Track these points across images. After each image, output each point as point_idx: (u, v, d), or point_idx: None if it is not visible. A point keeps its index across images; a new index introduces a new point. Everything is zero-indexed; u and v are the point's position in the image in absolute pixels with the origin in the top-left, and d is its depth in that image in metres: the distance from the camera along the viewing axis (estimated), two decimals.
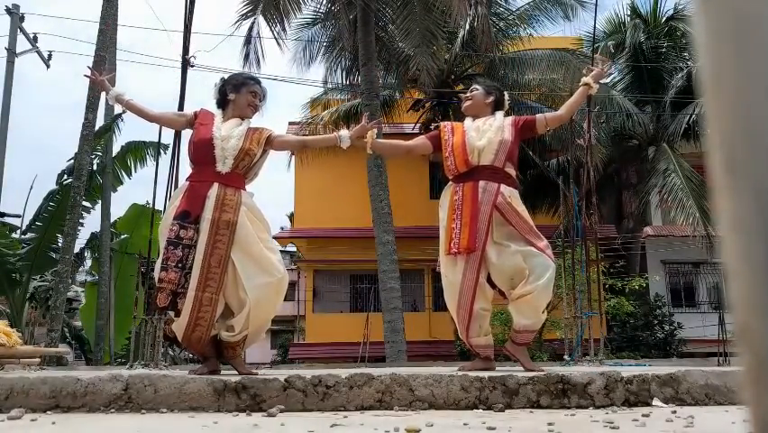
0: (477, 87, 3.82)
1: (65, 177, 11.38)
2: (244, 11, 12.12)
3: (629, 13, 18.06)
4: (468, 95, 3.80)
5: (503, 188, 3.43)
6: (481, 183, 3.42)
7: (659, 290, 16.04)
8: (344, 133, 3.47)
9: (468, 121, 3.73)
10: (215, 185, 3.14)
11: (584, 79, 3.67)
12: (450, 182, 3.64)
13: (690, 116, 15.01)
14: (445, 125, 3.77)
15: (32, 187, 14.75)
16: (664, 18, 17.75)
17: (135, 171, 12.40)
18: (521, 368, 3.32)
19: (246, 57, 12.47)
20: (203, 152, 3.21)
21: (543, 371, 2.60)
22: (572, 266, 6.68)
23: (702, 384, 2.27)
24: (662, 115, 16.23)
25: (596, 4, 8.88)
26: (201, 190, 3.14)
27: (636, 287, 13.01)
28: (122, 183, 12.32)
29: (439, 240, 3.56)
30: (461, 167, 3.50)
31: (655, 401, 2.20)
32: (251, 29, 12.33)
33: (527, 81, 14.89)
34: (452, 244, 3.36)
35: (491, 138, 3.52)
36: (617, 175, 17.30)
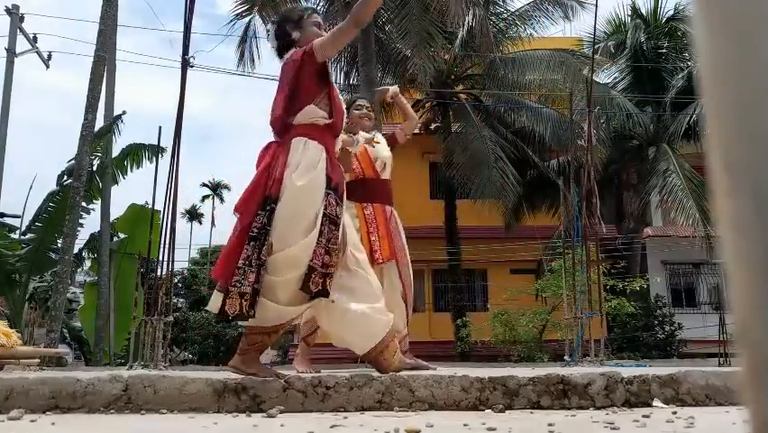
0: (367, 103, 3.98)
1: (65, 178, 11.38)
2: (239, 10, 12.13)
3: (630, 13, 18.08)
4: (369, 112, 3.96)
5: (394, 213, 3.84)
6: (387, 208, 3.79)
7: (659, 291, 16.03)
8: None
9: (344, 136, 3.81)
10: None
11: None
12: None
13: (691, 117, 15.01)
14: None
15: (31, 187, 14.77)
16: (665, 18, 17.77)
17: (131, 172, 12.43)
18: (522, 369, 3.32)
19: (241, 56, 12.50)
20: (342, 122, 2.77)
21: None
22: (573, 267, 6.67)
23: (703, 385, 2.27)
24: (663, 115, 16.24)
25: (596, 5, 8.86)
26: (339, 166, 2.75)
27: (637, 288, 13.01)
28: (117, 183, 12.33)
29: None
30: (368, 171, 3.76)
31: (656, 402, 2.20)
32: (246, 28, 12.35)
33: (527, 82, 14.88)
34: (376, 256, 3.55)
35: (390, 154, 3.90)
36: (617, 176, 17.30)
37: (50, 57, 14.53)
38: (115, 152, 12.20)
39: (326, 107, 2.64)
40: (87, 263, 13.10)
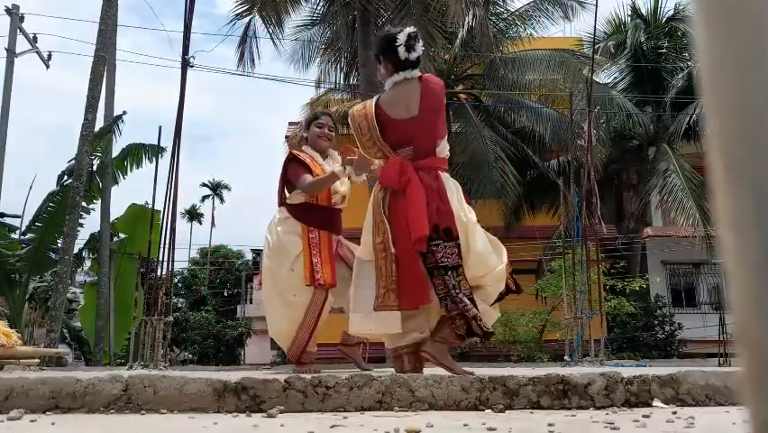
0: (330, 122, 3.76)
1: (65, 177, 11.38)
2: (239, 10, 12.13)
3: (630, 13, 18.08)
4: (328, 132, 3.73)
5: (342, 241, 3.72)
6: (334, 237, 3.66)
7: (659, 291, 16.03)
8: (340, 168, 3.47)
9: (311, 151, 3.71)
10: None
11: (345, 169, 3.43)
12: (287, 210, 3.63)
13: (691, 117, 15.01)
14: (299, 154, 3.69)
15: (31, 187, 14.77)
16: (665, 18, 17.77)
17: (131, 172, 12.42)
18: (522, 369, 3.33)
19: (241, 56, 12.50)
20: None
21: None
22: (573, 267, 6.67)
23: (703, 385, 2.27)
24: (663, 115, 16.24)
25: (596, 5, 8.86)
26: None
27: (637, 288, 13.00)
28: (117, 183, 12.33)
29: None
30: (322, 200, 3.62)
31: (656, 402, 2.20)
32: (246, 28, 12.34)
33: (528, 82, 14.88)
34: (317, 277, 3.50)
35: (349, 187, 3.72)
36: (617, 176, 17.29)
37: (50, 57, 14.53)
38: (115, 152, 12.19)
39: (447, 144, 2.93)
40: (87, 263, 13.10)
